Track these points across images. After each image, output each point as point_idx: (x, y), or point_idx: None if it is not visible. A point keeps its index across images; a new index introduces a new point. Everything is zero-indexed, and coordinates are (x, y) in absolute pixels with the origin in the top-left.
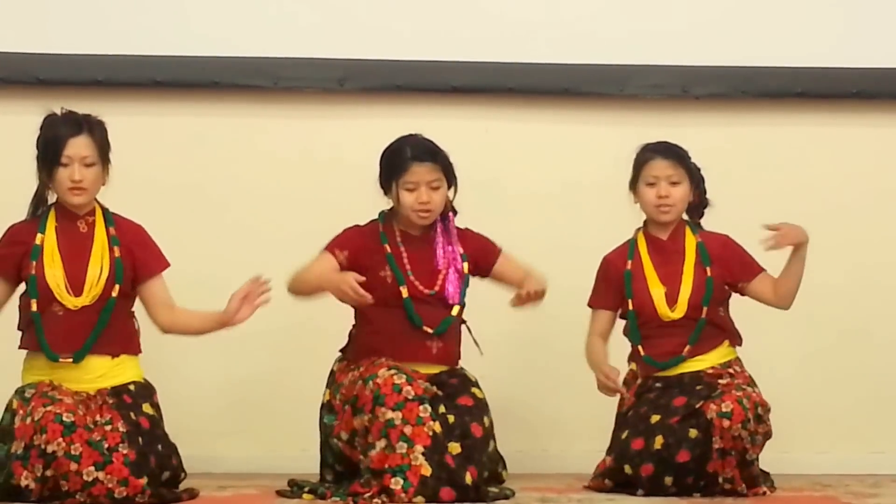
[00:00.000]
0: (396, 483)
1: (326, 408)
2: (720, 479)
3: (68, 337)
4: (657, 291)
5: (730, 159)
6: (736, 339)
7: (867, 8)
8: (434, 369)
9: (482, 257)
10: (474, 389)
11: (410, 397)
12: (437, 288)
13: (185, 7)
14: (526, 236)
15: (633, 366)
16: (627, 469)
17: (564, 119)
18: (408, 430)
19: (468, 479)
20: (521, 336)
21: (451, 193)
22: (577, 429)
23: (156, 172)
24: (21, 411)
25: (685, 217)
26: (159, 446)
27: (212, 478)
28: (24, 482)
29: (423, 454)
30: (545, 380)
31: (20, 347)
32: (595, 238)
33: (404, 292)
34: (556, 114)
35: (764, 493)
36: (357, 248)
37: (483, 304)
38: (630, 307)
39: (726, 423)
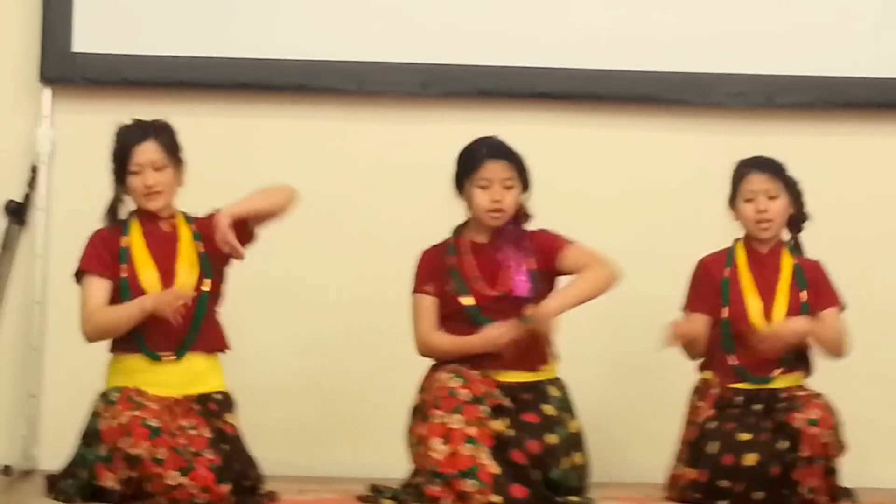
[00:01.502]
0: (472, 486)
1: (412, 411)
2: (804, 490)
3: (167, 336)
4: (754, 304)
5: (814, 170)
6: (809, 372)
7: None
8: (512, 377)
9: (547, 254)
10: (545, 406)
11: (467, 400)
12: (505, 289)
13: (271, 10)
14: (608, 243)
15: (709, 374)
16: (725, 484)
17: (647, 126)
18: (471, 431)
19: (536, 475)
20: (604, 343)
21: (524, 197)
22: (659, 438)
23: (239, 175)
24: (107, 414)
25: (784, 237)
26: (242, 455)
27: (293, 481)
28: (107, 483)
29: (489, 454)
30: (627, 388)
31: (111, 350)
32: (677, 246)
33: (466, 301)
34: (640, 121)
35: None
36: (432, 270)
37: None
38: (724, 315)
39: (815, 430)
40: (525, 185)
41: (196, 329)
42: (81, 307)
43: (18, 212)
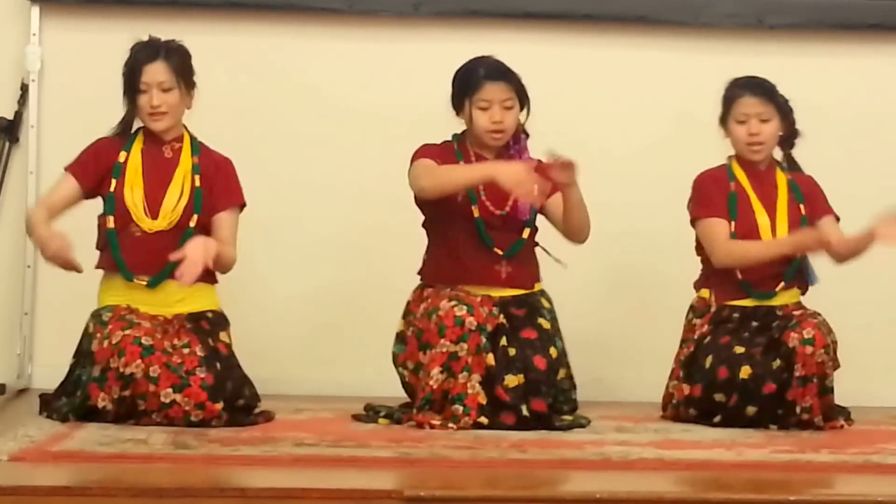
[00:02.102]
0: (457, 410)
1: (399, 338)
2: (798, 409)
3: (145, 259)
4: (763, 219)
5: (805, 90)
6: (806, 285)
7: None
8: (504, 293)
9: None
10: (541, 320)
11: (473, 328)
12: (507, 209)
13: None
14: (601, 164)
15: (705, 293)
16: (719, 397)
17: (639, 46)
18: (470, 359)
19: (525, 410)
20: (599, 263)
21: (523, 115)
22: (655, 357)
23: (229, 94)
24: (98, 334)
25: (775, 156)
26: (236, 373)
27: (288, 400)
28: (101, 403)
29: (479, 383)
30: (624, 307)
31: (97, 267)
32: (669, 165)
33: (476, 212)
34: (631, 41)
35: (841, 427)
36: (437, 158)
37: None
38: (732, 230)
39: (809, 349)
40: (523, 103)
41: (174, 264)
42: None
43: (10, 129)
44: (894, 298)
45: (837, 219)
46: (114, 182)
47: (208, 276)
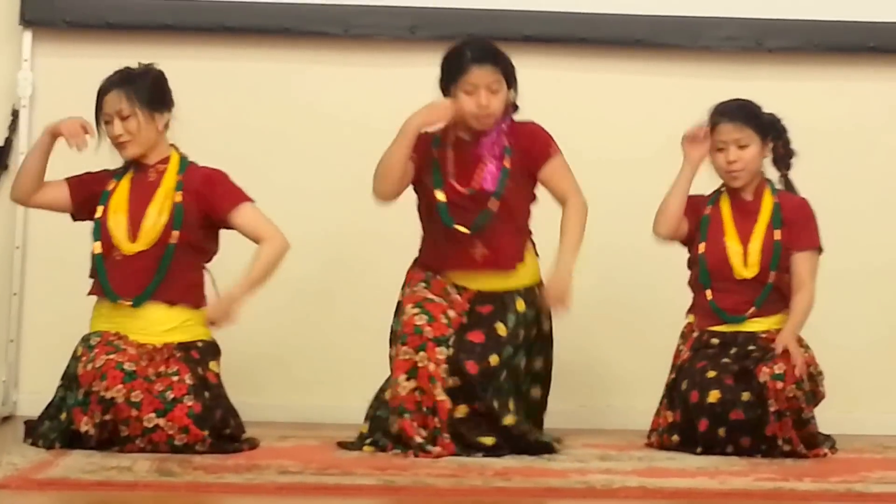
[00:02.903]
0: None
1: (398, 309)
2: (780, 442)
3: (128, 282)
4: (734, 247)
5: (803, 113)
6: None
7: None
8: (482, 281)
9: (530, 157)
10: (498, 324)
11: (431, 338)
12: (475, 186)
13: None
14: (597, 187)
15: (692, 318)
16: (695, 422)
17: (637, 70)
18: (431, 368)
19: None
20: (586, 291)
21: (512, 94)
22: (640, 385)
23: (226, 117)
24: (84, 358)
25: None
26: (223, 403)
27: (274, 427)
28: (83, 427)
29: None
30: (609, 335)
31: (89, 293)
32: (661, 190)
33: (440, 196)
34: (629, 65)
35: (825, 455)
36: (420, 151)
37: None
38: (701, 251)
39: (780, 384)
40: (510, 84)
41: (159, 279)
42: None
43: (0, 156)
44: (877, 328)
45: (820, 251)
46: (100, 209)
47: (190, 297)
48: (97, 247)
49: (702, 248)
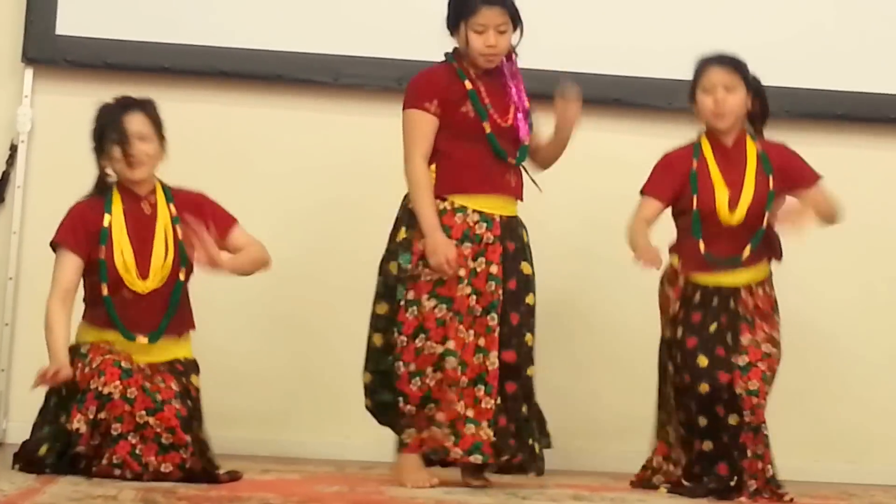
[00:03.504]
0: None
1: (403, 245)
2: (749, 453)
3: (140, 319)
4: (722, 194)
5: None
6: (779, 254)
7: None
8: (511, 205)
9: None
10: (524, 264)
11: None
12: (510, 122)
13: (252, 1)
14: (564, 241)
15: (675, 261)
16: (703, 388)
17: (614, 129)
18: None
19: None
20: (559, 334)
21: (516, 36)
22: (615, 428)
23: (218, 159)
24: (80, 364)
25: (748, 128)
26: (201, 417)
27: (256, 461)
28: (75, 425)
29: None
30: (584, 379)
31: (85, 321)
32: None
33: (487, 127)
34: (607, 123)
35: (791, 501)
36: (441, 89)
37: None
38: (695, 205)
39: (754, 399)
40: (516, 25)
41: (171, 314)
42: (53, 280)
43: None
44: (845, 381)
45: (817, 178)
46: (103, 248)
47: (192, 323)
48: (104, 288)
49: (694, 202)
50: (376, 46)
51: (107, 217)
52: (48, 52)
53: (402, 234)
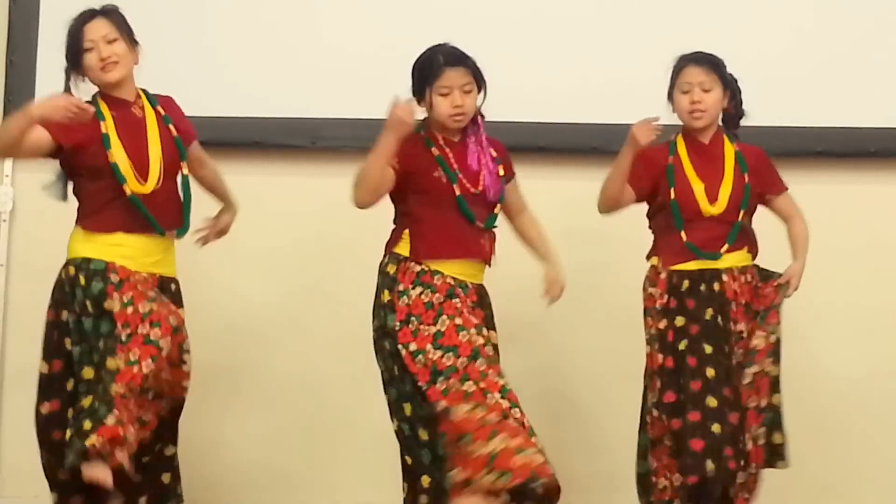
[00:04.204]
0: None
1: (387, 307)
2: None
3: (163, 216)
4: (698, 186)
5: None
6: (755, 249)
7: (889, 70)
8: (480, 273)
9: (507, 167)
10: (491, 333)
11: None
12: (480, 187)
13: (228, 70)
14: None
15: (655, 261)
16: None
17: (592, 177)
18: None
19: None
20: (534, 390)
21: (480, 97)
22: (589, 486)
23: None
24: (115, 294)
25: (722, 126)
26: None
27: None
28: (145, 369)
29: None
30: (559, 435)
31: (92, 230)
32: (618, 292)
33: (457, 190)
34: (585, 171)
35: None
36: (404, 152)
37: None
38: (672, 196)
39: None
40: (480, 86)
41: (189, 210)
42: None
43: None
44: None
45: (785, 189)
46: (110, 152)
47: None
48: (127, 188)
49: (672, 194)
50: (351, 108)
51: (103, 124)
52: None
53: (385, 297)
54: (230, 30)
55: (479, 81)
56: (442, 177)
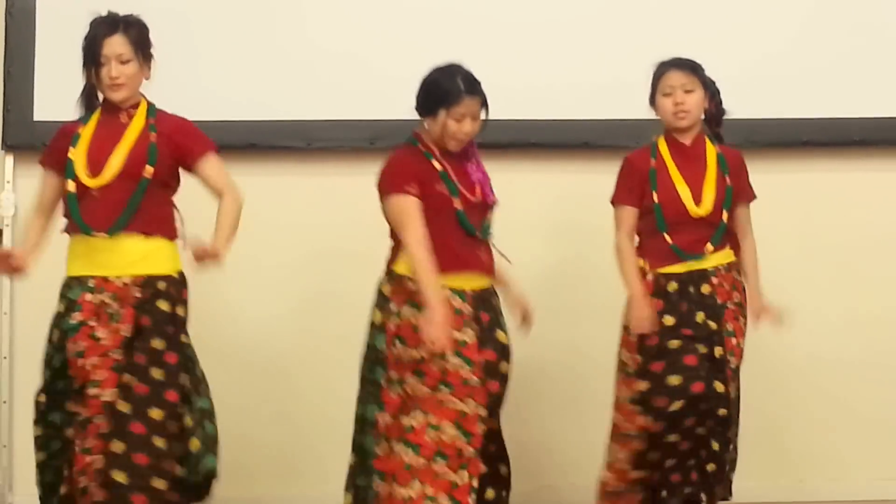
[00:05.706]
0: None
1: (378, 329)
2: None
3: (101, 215)
4: (683, 189)
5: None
6: (736, 245)
7: (871, 60)
8: (481, 280)
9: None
10: (499, 332)
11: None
12: (479, 196)
13: (224, 74)
14: (537, 271)
15: (642, 263)
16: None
17: (583, 170)
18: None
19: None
20: (519, 370)
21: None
22: (575, 462)
23: (194, 228)
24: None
25: (705, 126)
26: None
27: None
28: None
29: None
30: (545, 413)
31: (63, 231)
32: (613, 286)
33: (457, 204)
34: (577, 165)
35: None
36: (416, 171)
37: None
38: (655, 200)
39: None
40: (485, 112)
41: (132, 210)
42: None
43: None
44: (827, 397)
45: (752, 199)
46: (72, 150)
47: (166, 229)
48: (70, 185)
49: (655, 197)
50: (346, 109)
51: (80, 126)
52: (27, 137)
53: (377, 317)
54: (223, 34)
55: (485, 107)
56: (444, 190)
